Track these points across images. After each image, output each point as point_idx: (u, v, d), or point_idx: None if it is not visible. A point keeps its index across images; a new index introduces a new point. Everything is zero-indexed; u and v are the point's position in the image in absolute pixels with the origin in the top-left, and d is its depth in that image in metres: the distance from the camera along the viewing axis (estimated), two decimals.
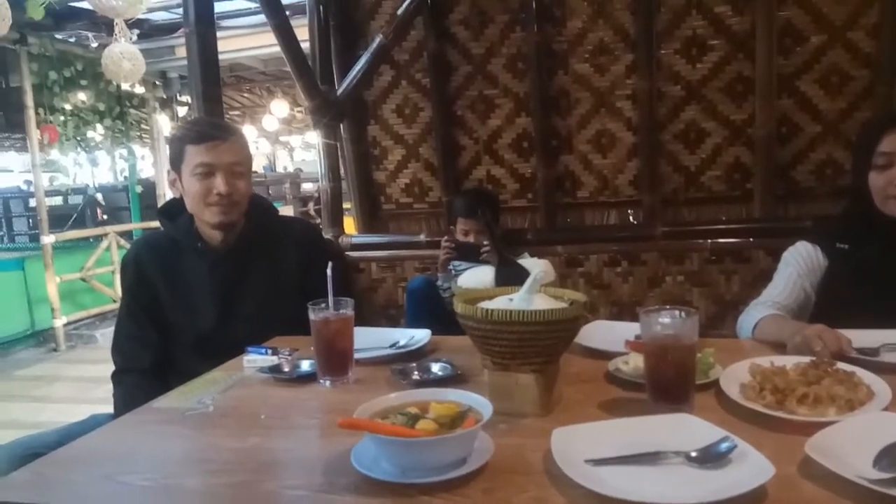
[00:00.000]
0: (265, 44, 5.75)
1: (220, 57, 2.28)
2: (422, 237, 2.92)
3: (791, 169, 2.72)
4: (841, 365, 1.18)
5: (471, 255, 2.41)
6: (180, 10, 5.93)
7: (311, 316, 1.33)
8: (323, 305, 1.35)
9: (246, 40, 6.08)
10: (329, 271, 1.36)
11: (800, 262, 1.65)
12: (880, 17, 2.51)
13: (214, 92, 2.16)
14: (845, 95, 2.64)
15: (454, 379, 1.32)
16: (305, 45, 2.90)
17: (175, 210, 1.82)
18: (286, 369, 1.42)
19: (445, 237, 2.56)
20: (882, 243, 1.57)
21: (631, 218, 3.02)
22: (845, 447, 0.88)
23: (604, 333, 1.53)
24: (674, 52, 2.74)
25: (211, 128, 1.74)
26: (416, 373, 1.34)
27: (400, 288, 2.88)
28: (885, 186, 1.58)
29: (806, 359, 1.21)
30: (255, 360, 1.49)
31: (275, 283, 1.80)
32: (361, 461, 0.92)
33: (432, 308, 2.45)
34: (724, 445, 0.88)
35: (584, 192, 3.04)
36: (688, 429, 0.96)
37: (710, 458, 0.88)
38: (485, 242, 2.38)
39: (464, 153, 3.12)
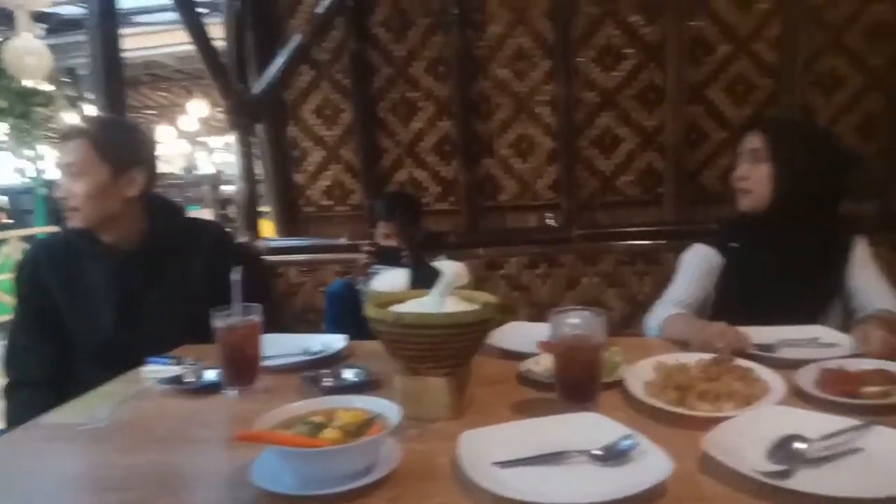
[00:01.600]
0: (180, 41, 5.54)
1: (134, 54, 2.19)
2: (342, 240, 2.88)
3: (699, 174, 2.85)
4: (740, 361, 1.23)
5: (392, 258, 2.37)
6: None
7: (215, 322, 1.27)
8: (228, 312, 1.29)
9: (161, 37, 5.85)
10: (234, 276, 1.30)
11: (698, 263, 1.72)
12: (782, 29, 2.66)
13: (116, 88, 2.05)
14: (750, 103, 2.78)
15: (368, 385, 1.28)
16: (222, 44, 2.82)
17: None
18: (189, 379, 1.34)
19: (367, 241, 2.52)
20: (770, 242, 1.66)
21: (551, 221, 3.08)
22: (741, 441, 0.91)
23: (519, 335, 1.53)
24: (590, 60, 2.82)
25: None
26: (327, 379, 1.30)
27: (320, 292, 2.83)
28: (734, 182, 1.70)
29: (708, 356, 1.25)
30: (156, 370, 1.41)
31: (181, 288, 1.71)
32: (262, 475, 0.88)
33: (353, 312, 2.39)
34: (625, 443, 0.89)
35: (505, 195, 3.08)
36: (593, 427, 0.97)
37: (613, 455, 0.89)
38: (405, 246, 2.36)
39: (386, 156, 3.10)
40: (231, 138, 2.81)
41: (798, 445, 0.88)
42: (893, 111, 2.66)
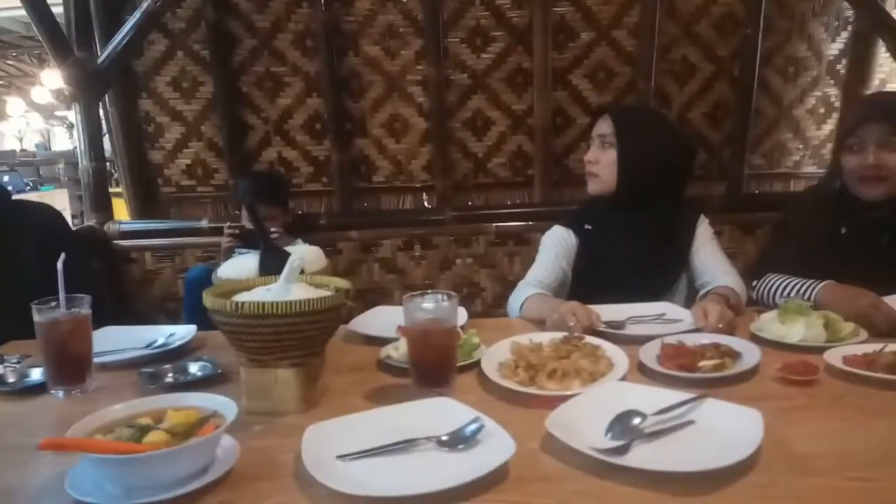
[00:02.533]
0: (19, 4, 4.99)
1: None
2: (204, 223, 2.71)
3: (565, 157, 2.93)
4: (590, 339, 1.26)
5: (257, 241, 2.27)
6: None
7: (36, 317, 1.15)
8: (52, 304, 1.16)
9: None
10: (60, 264, 1.17)
11: (555, 244, 1.77)
12: (641, 17, 2.77)
13: None
14: (611, 90, 2.88)
15: (214, 379, 1.21)
16: (60, 8, 2.54)
17: None
18: (11, 380, 1.21)
19: (228, 223, 2.39)
20: (618, 223, 1.74)
21: (426, 203, 3.06)
22: (582, 419, 0.93)
23: (384, 320, 1.51)
24: (460, 41, 2.80)
25: None
26: (169, 375, 1.21)
27: (180, 279, 2.65)
28: (585, 165, 1.78)
29: (561, 335, 1.28)
30: None
31: (8, 278, 1.54)
32: (78, 485, 0.79)
33: None
34: (471, 427, 0.89)
35: (380, 176, 3.03)
36: (444, 412, 0.96)
37: (460, 440, 0.88)
38: (273, 229, 2.25)
39: (252, 133, 2.94)
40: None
41: (634, 420, 0.92)
42: (739, 99, 2.85)
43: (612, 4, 2.80)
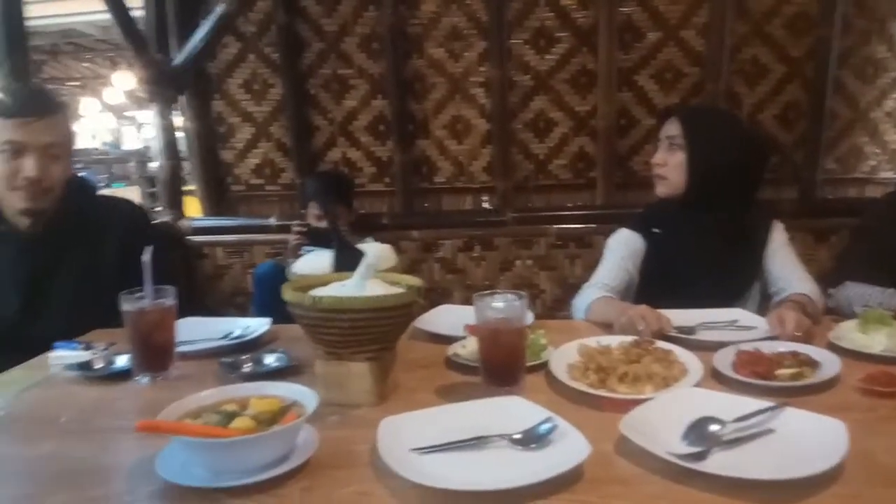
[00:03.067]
0: (101, 8, 5.24)
1: (51, 21, 2.04)
2: (272, 220, 2.79)
3: (629, 159, 2.89)
4: (661, 343, 1.25)
5: (324, 239, 2.32)
6: None
7: (125, 306, 1.21)
8: (139, 294, 1.22)
9: (79, 4, 5.50)
10: (146, 257, 1.23)
11: (622, 247, 1.75)
12: (710, 17, 2.71)
13: (20, 58, 1.89)
14: (678, 91, 2.83)
15: (289, 370, 1.24)
16: (142, 13, 2.67)
17: None
18: (98, 366, 1.27)
19: (297, 221, 2.45)
20: (688, 227, 1.70)
21: (486, 204, 3.07)
22: (657, 423, 0.92)
23: (449, 318, 1.52)
24: (524, 42, 2.81)
25: (26, 100, 1.52)
26: (247, 365, 1.26)
27: (249, 274, 2.74)
28: (652, 167, 1.75)
29: (630, 338, 1.27)
30: (63, 356, 1.33)
31: (92, 270, 1.62)
32: (168, 466, 0.83)
33: (281, 295, 2.35)
34: (544, 427, 0.89)
35: (441, 177, 3.06)
36: (515, 411, 0.96)
37: (532, 439, 0.88)
38: (340, 227, 2.31)
39: (318, 134, 3.02)
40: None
41: (712, 427, 0.90)
42: (812, 101, 2.76)
43: (680, 4, 2.75)
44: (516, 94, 2.85)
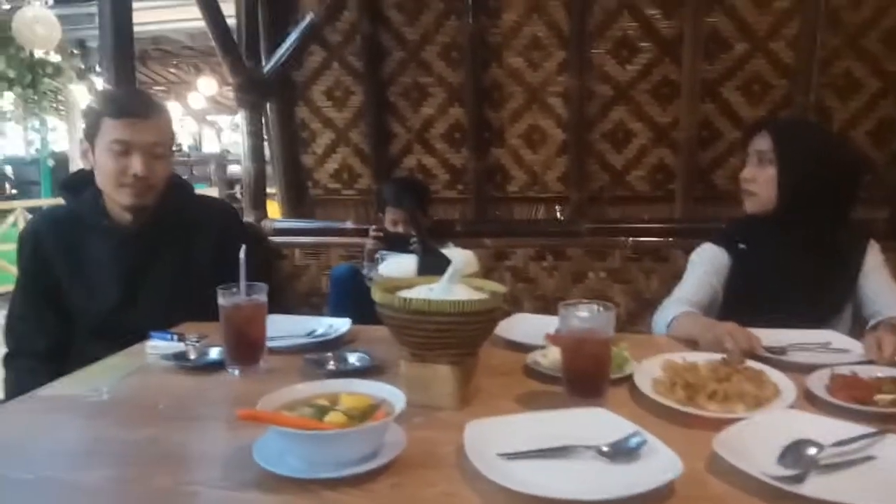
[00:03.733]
0: (191, 17, 5.50)
1: (143, 28, 2.16)
2: (349, 224, 2.86)
3: (711, 172, 2.82)
4: (750, 363, 1.21)
5: (399, 244, 2.35)
6: None
7: (221, 301, 1.26)
8: (234, 290, 1.28)
9: (171, 12, 5.80)
10: (242, 255, 1.29)
11: (706, 262, 1.71)
12: (800, 28, 2.62)
13: (127, 63, 2.02)
14: (765, 103, 2.74)
15: (371, 370, 1.27)
16: (233, 21, 2.78)
17: (80, 183, 1.70)
18: (192, 357, 1.34)
19: (374, 226, 2.50)
20: (776, 245, 1.64)
21: (558, 214, 3.05)
22: (751, 444, 0.90)
23: (525, 326, 1.52)
24: (605, 52, 2.77)
25: (133, 102, 1.62)
26: (331, 363, 1.30)
27: (324, 276, 2.81)
28: (741, 183, 1.68)
29: (717, 356, 1.24)
30: (158, 346, 1.40)
31: (186, 266, 1.70)
32: (264, 455, 0.87)
33: (356, 297, 2.39)
34: (634, 440, 0.88)
35: (514, 186, 3.06)
36: (600, 423, 0.96)
37: (621, 452, 0.88)
38: (413, 233, 2.34)
39: (395, 140, 3.07)
40: (239, 117, 2.78)
41: (810, 450, 0.87)
42: None
43: (769, 15, 2.66)
44: (595, 105, 2.82)
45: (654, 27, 2.72)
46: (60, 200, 1.75)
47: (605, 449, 0.88)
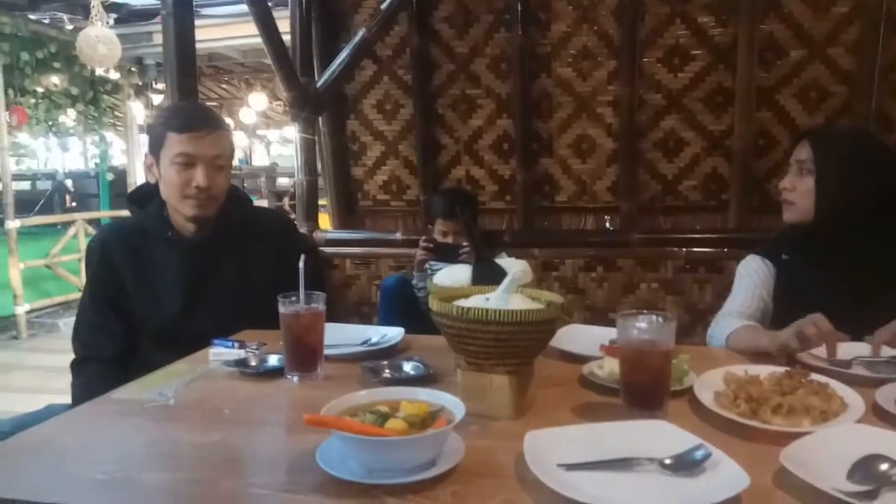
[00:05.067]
0: (245, 34, 5.68)
1: (198, 46, 2.23)
2: (398, 235, 2.89)
3: (766, 181, 2.75)
4: (814, 376, 1.18)
5: (449, 255, 2.38)
6: None
7: (281, 309, 1.30)
8: (294, 299, 1.31)
9: (225, 30, 5.99)
10: (301, 264, 1.32)
11: (752, 274, 1.69)
12: (860, 34, 2.55)
13: (190, 80, 2.10)
14: (823, 111, 2.67)
15: (426, 378, 1.29)
16: (286, 37, 2.86)
17: (145, 196, 1.77)
18: (253, 363, 1.37)
19: (423, 237, 2.53)
20: (818, 256, 1.60)
21: (608, 224, 3.03)
22: (820, 458, 0.87)
23: (578, 337, 1.52)
24: (656, 61, 2.75)
25: (196, 117, 1.68)
26: (386, 371, 1.31)
27: (374, 286, 2.84)
28: (781, 192, 1.67)
29: (780, 369, 1.21)
30: (221, 352, 1.44)
31: (246, 275, 1.75)
32: (327, 460, 0.89)
33: (406, 307, 2.43)
34: (698, 453, 0.87)
35: (563, 196, 3.04)
36: (662, 435, 0.95)
37: (685, 465, 0.86)
38: (464, 244, 2.36)
39: (443, 152, 3.10)
40: (287, 132, 2.85)
41: (882, 466, 0.84)
42: None
43: (827, 21, 2.60)
44: (645, 113, 2.79)
45: (707, 34, 2.68)
46: (118, 212, 1.82)
47: (667, 462, 0.87)
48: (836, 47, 2.61)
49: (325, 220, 3.30)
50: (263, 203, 9.42)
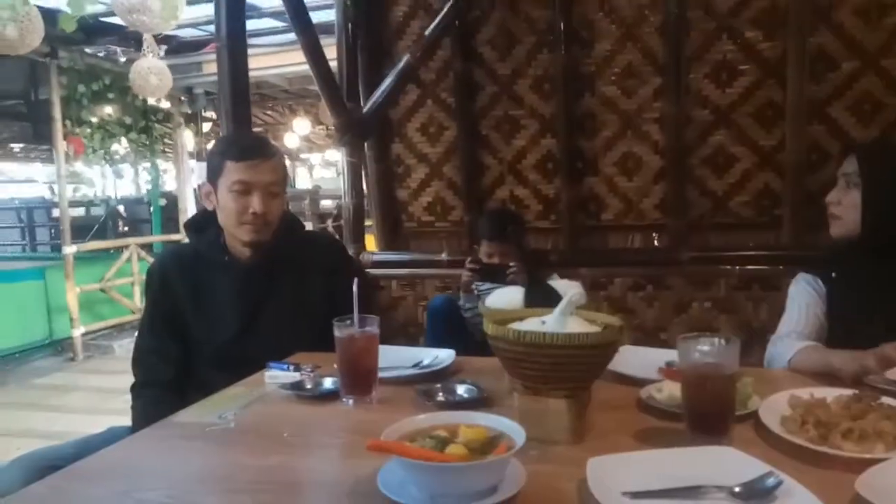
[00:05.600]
0: (290, 62, 5.82)
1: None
2: (443, 256, 2.91)
3: (821, 197, 2.66)
4: (885, 399, 1.14)
5: (495, 276, 2.37)
6: (208, 27, 6.05)
7: (336, 333, 1.31)
8: (348, 322, 1.32)
9: (271, 59, 6.14)
10: (355, 287, 1.33)
11: (804, 294, 1.65)
12: None
13: (244, 109, 2.16)
14: (878, 123, 2.59)
15: (480, 402, 1.28)
16: (333, 64, 2.92)
17: (203, 224, 1.82)
18: (308, 386, 1.39)
19: (469, 258, 2.53)
20: (866, 273, 1.55)
21: (655, 242, 2.98)
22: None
23: (633, 359, 1.49)
24: (703, 77, 2.72)
25: (252, 146, 1.73)
26: (440, 394, 1.31)
27: (420, 307, 2.86)
28: (827, 206, 1.65)
29: (847, 391, 1.17)
30: (276, 375, 1.47)
31: (299, 298, 1.78)
32: (388, 485, 0.89)
33: (453, 328, 2.43)
34: (769, 481, 0.84)
35: (609, 214, 3.01)
36: (729, 462, 0.92)
37: (755, 494, 0.84)
38: (511, 265, 2.35)
39: (487, 173, 3.11)
40: (330, 155, 2.91)
41: None
42: None
43: (880, 31, 2.53)
44: (693, 130, 2.75)
45: (755, 49, 2.64)
46: (169, 237, 1.87)
47: (737, 490, 0.85)
48: (889, 58, 2.54)
49: (370, 242, 3.34)
50: (308, 225, 9.57)
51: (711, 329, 2.57)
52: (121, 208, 10.44)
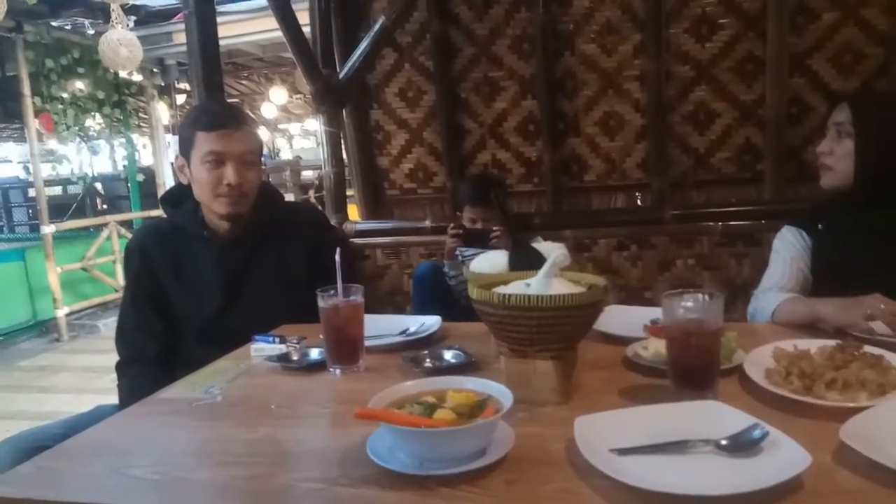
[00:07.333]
0: (263, 29, 5.69)
1: (221, 42, 2.23)
2: (427, 223, 2.89)
3: (802, 150, 2.68)
4: (867, 348, 1.15)
5: (479, 241, 2.36)
6: None
7: (321, 303, 1.30)
8: (332, 292, 1.31)
9: (243, 26, 6.00)
10: (338, 257, 1.32)
11: (788, 246, 1.65)
12: None
13: (215, 77, 2.11)
14: (859, 74, 2.59)
15: (468, 366, 1.28)
16: (306, 29, 2.85)
17: (179, 197, 1.78)
18: (295, 358, 1.38)
19: (452, 224, 2.51)
20: (855, 225, 1.56)
21: (639, 201, 2.98)
22: (881, 433, 0.85)
23: (618, 318, 1.49)
24: (683, 32, 2.69)
25: (223, 115, 1.68)
26: (428, 360, 1.31)
27: (405, 274, 2.85)
28: (818, 156, 1.62)
29: (831, 342, 1.18)
30: (262, 348, 1.46)
31: (281, 270, 1.76)
32: (378, 452, 0.89)
33: (440, 295, 2.42)
34: (756, 433, 0.85)
35: (592, 175, 3.00)
36: (715, 416, 0.93)
37: (742, 446, 0.85)
38: (494, 229, 2.34)
39: (468, 137, 3.08)
40: (309, 125, 2.86)
41: None
42: None
43: None
44: (674, 87, 2.73)
45: (735, 2, 2.61)
46: (149, 213, 1.84)
47: (724, 443, 0.86)
48: (869, 7, 2.52)
49: (352, 211, 3.31)
50: (290, 197, 9.48)
51: (695, 286, 2.59)
52: (98, 185, 10.27)
